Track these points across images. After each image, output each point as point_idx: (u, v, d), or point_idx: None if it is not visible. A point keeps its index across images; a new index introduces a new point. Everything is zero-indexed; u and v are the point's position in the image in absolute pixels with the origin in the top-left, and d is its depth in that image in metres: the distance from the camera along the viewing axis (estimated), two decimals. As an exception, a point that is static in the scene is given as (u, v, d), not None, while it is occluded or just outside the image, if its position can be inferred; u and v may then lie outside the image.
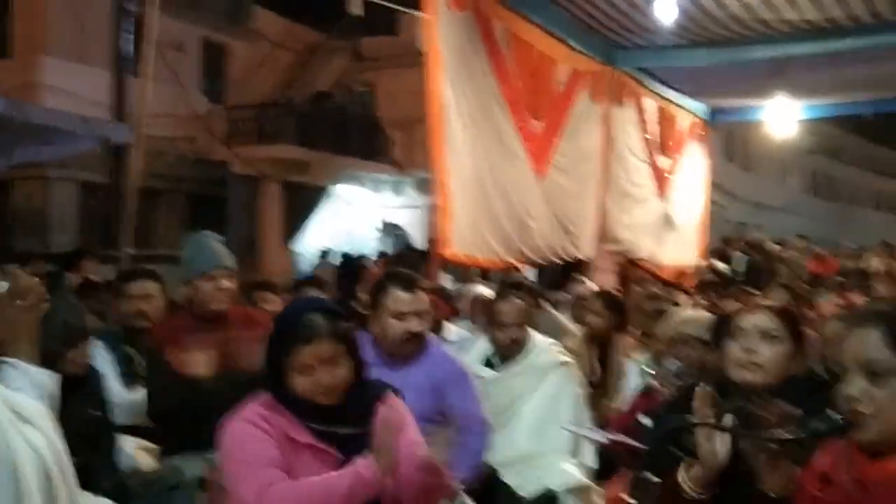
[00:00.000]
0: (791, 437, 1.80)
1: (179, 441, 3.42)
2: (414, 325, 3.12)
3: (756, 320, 2.27)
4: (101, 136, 9.09)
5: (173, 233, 16.85)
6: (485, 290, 6.36)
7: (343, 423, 2.19)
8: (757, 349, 2.22)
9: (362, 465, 2.06)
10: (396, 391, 2.35)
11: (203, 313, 3.47)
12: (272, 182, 17.32)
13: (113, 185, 12.34)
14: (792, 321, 2.30)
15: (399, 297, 3.14)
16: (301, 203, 17.99)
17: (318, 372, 2.15)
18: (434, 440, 2.16)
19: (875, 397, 1.62)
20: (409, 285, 3.20)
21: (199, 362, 3.29)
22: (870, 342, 1.66)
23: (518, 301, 3.92)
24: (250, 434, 2.13)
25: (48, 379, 2.19)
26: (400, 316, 3.12)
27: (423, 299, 3.21)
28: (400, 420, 2.17)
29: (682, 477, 2.04)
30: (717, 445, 1.99)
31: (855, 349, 1.68)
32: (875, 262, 13.22)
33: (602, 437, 3.28)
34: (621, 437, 3.32)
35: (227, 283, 3.47)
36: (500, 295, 4.15)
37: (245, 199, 17.19)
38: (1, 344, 2.11)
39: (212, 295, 3.44)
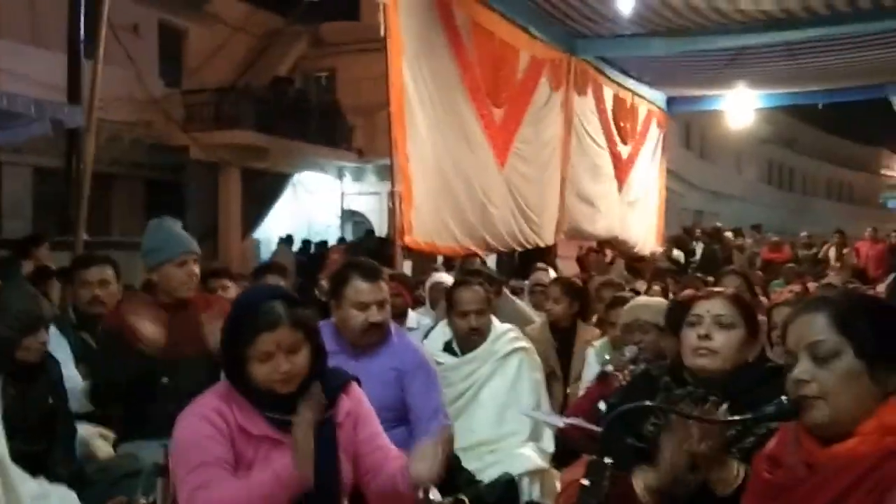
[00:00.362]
0: (742, 418, 1.84)
1: (135, 428, 3.40)
2: (374, 315, 3.12)
3: (710, 307, 2.30)
4: (55, 119, 8.89)
5: (130, 219, 16.61)
6: (445, 278, 6.36)
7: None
8: (712, 335, 2.25)
9: (280, 467, 2.05)
10: (356, 380, 2.34)
11: (168, 299, 3.43)
12: (231, 168, 17.14)
13: (67, 170, 12.12)
14: (746, 308, 2.34)
15: (360, 288, 3.13)
16: (261, 190, 17.84)
17: (277, 359, 2.12)
18: (425, 453, 2.14)
19: (821, 379, 1.66)
20: (371, 275, 3.19)
21: (149, 329, 3.23)
22: (815, 325, 1.70)
23: (478, 288, 3.92)
24: (199, 431, 2.11)
25: None
26: (361, 306, 3.11)
27: (383, 289, 3.20)
28: (314, 419, 2.14)
29: (638, 481, 2.08)
30: (673, 454, 2.03)
31: (801, 333, 1.72)
32: (831, 252, 13.52)
33: (559, 421, 3.32)
34: (578, 422, 3.36)
35: (195, 268, 3.45)
36: (460, 282, 4.16)
37: (204, 185, 16.99)
38: None
39: (182, 281, 3.40)
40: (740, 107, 12.95)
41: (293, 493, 2.03)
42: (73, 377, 3.55)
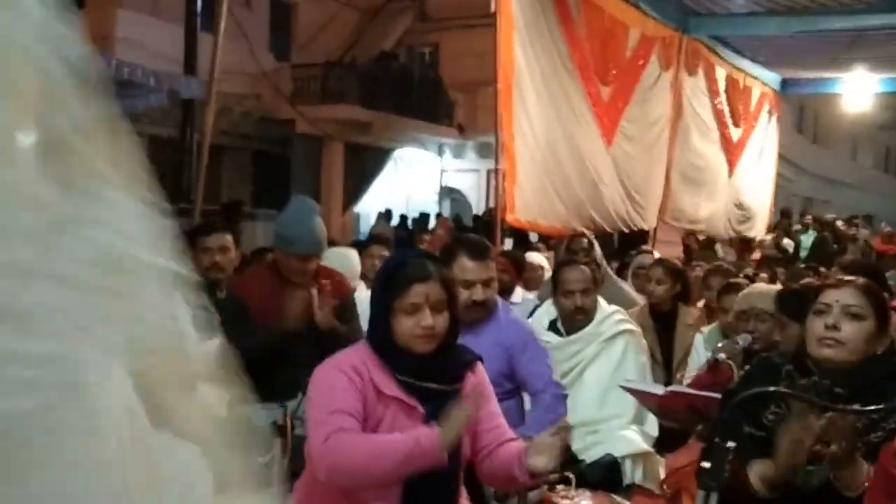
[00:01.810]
0: (872, 409, 1.79)
1: (252, 390, 3.54)
2: (479, 293, 3.15)
3: (840, 296, 2.23)
4: (172, 90, 9.24)
5: (238, 189, 17.13)
6: (536, 258, 6.37)
7: (432, 379, 2.23)
8: (840, 325, 2.19)
9: (424, 436, 2.07)
10: (481, 359, 2.38)
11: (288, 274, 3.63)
12: (335, 142, 17.43)
13: (181, 140, 12.57)
14: (877, 299, 2.25)
15: (466, 266, 3.16)
16: (362, 164, 18.09)
17: (423, 313, 2.19)
18: (545, 445, 2.15)
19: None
20: (478, 254, 3.21)
21: (293, 311, 3.41)
22: None
23: (584, 268, 3.91)
24: (336, 381, 2.18)
25: None
26: (466, 284, 3.14)
27: (490, 268, 3.23)
28: (479, 403, 2.20)
29: (753, 473, 2.05)
30: (797, 452, 1.99)
31: None
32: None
33: (660, 389, 3.28)
34: (682, 389, 3.32)
35: (311, 265, 3.61)
36: (566, 261, 4.15)
37: (308, 158, 17.33)
38: None
39: (299, 273, 3.59)
40: (859, 90, 12.39)
41: (427, 463, 2.06)
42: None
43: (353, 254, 5.02)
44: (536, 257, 6.52)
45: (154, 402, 1.74)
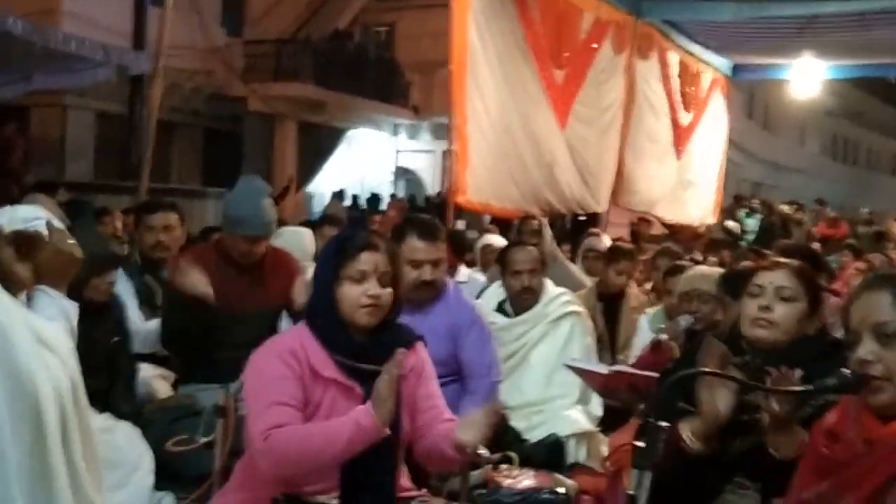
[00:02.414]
0: (801, 389, 1.83)
1: (195, 371, 3.52)
2: (427, 273, 3.15)
3: (773, 278, 2.27)
4: (120, 65, 9.05)
5: (188, 167, 16.88)
6: (495, 240, 6.38)
7: (370, 359, 2.21)
8: (772, 307, 2.23)
9: (362, 415, 2.07)
10: (422, 339, 2.38)
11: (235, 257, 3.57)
12: (288, 121, 17.24)
13: (129, 116, 12.34)
14: (809, 281, 2.30)
15: (416, 246, 3.16)
16: (316, 144, 17.93)
17: (370, 282, 2.19)
18: (473, 421, 2.17)
19: (888, 361, 1.64)
20: (428, 234, 3.21)
21: (240, 294, 3.36)
22: (880, 305, 1.67)
23: (532, 249, 3.95)
24: (272, 370, 2.16)
25: (73, 310, 2.24)
26: (415, 264, 3.14)
27: (440, 249, 3.23)
28: (404, 372, 2.20)
29: (684, 430, 2.09)
30: (718, 399, 2.03)
31: (865, 312, 1.70)
32: (894, 228, 13.15)
33: (604, 368, 3.33)
34: (624, 368, 3.37)
35: (262, 248, 3.55)
36: (515, 243, 4.17)
37: (260, 136, 17.13)
38: (41, 276, 2.16)
39: (245, 255, 3.53)
40: (807, 77, 12.58)
41: (371, 440, 2.07)
42: (135, 319, 3.67)
43: (307, 233, 4.99)
44: (493, 239, 6.56)
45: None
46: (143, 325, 3.70)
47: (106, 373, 3.11)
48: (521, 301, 3.88)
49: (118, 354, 3.20)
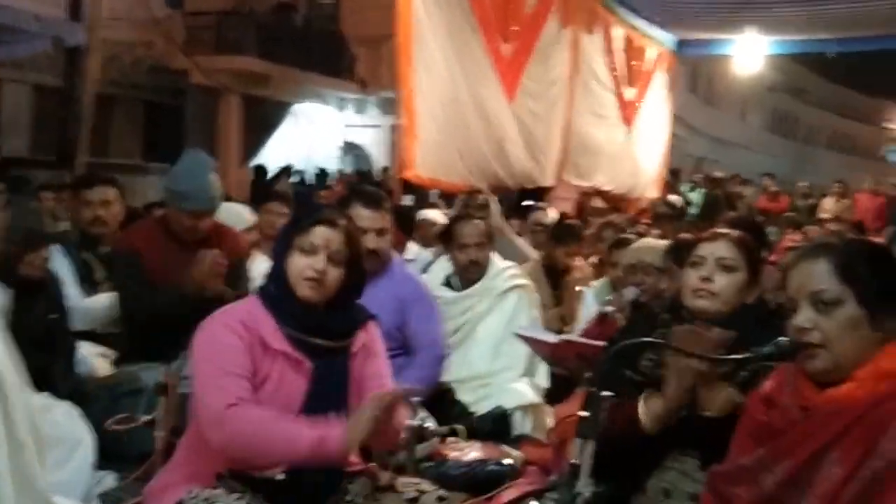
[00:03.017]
0: (741, 357, 1.87)
1: (137, 349, 3.46)
2: (371, 241, 3.14)
3: (714, 249, 2.30)
4: (56, 36, 8.79)
5: (128, 141, 16.49)
6: (433, 214, 6.41)
7: (320, 334, 2.20)
8: (713, 277, 2.26)
9: (332, 437, 2.02)
10: (375, 318, 2.37)
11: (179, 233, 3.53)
12: (232, 94, 16.94)
13: (67, 89, 11.98)
14: (750, 251, 2.34)
15: (360, 213, 3.17)
16: (261, 118, 17.67)
17: (319, 257, 2.17)
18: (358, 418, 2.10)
19: (824, 328, 1.68)
20: (372, 202, 3.25)
21: (185, 270, 3.32)
22: (817, 273, 1.70)
23: (479, 222, 3.95)
24: (223, 339, 2.13)
25: (1, 293, 2.17)
26: (359, 231, 3.13)
27: (384, 218, 3.24)
28: (355, 350, 2.23)
29: (642, 409, 2.12)
30: (678, 382, 2.07)
31: (803, 280, 1.73)
32: (828, 203, 13.48)
33: (553, 337, 3.36)
34: (572, 338, 3.40)
35: (207, 223, 3.52)
36: (462, 216, 4.17)
37: (203, 110, 16.81)
38: None
39: (189, 231, 3.51)
40: (750, 52, 12.77)
41: (327, 460, 2.05)
42: (74, 296, 3.59)
43: (246, 209, 4.91)
44: (434, 213, 6.55)
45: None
46: (81, 302, 3.62)
47: (44, 351, 3.04)
48: (467, 274, 3.88)
49: (56, 332, 3.13)
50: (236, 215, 4.52)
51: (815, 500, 1.60)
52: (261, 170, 15.59)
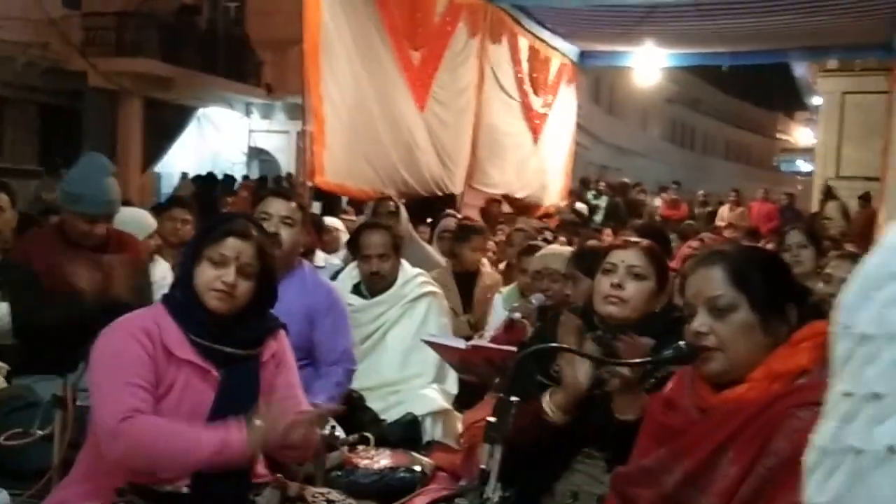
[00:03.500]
0: (641, 361, 1.93)
1: (30, 361, 3.32)
2: (273, 226, 3.10)
3: (625, 257, 2.37)
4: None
5: (22, 145, 15.83)
6: (335, 222, 6.40)
7: (228, 342, 2.16)
8: (624, 285, 2.33)
9: (235, 437, 2.00)
10: (285, 327, 2.34)
11: (76, 238, 3.41)
12: (133, 97, 16.46)
13: (-46, 90, 11.43)
14: (658, 260, 2.42)
15: (269, 201, 3.22)
16: (164, 122, 17.23)
17: (228, 269, 2.13)
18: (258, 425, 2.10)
19: (719, 332, 1.74)
20: (280, 193, 3.35)
21: (82, 277, 3.19)
22: (713, 280, 1.77)
23: (384, 232, 3.93)
24: (124, 348, 2.07)
25: None
26: (263, 216, 3.13)
27: (291, 209, 3.22)
28: (264, 360, 2.22)
29: (546, 401, 2.16)
30: (579, 372, 2.12)
31: (699, 286, 1.80)
32: (724, 211, 14.02)
33: (461, 343, 3.38)
34: (481, 342, 3.44)
35: (102, 228, 3.42)
36: (367, 225, 4.16)
37: (103, 113, 16.28)
38: None
39: (85, 236, 3.40)
40: (648, 64, 13.17)
41: (232, 462, 2.01)
42: (-35, 307, 3.42)
43: (147, 215, 4.78)
44: (332, 221, 6.54)
45: None
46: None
47: (-70, 366, 2.89)
48: (372, 284, 3.87)
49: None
50: (138, 221, 4.40)
51: (712, 499, 1.66)
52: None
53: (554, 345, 2.21)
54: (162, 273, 3.86)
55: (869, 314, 0.71)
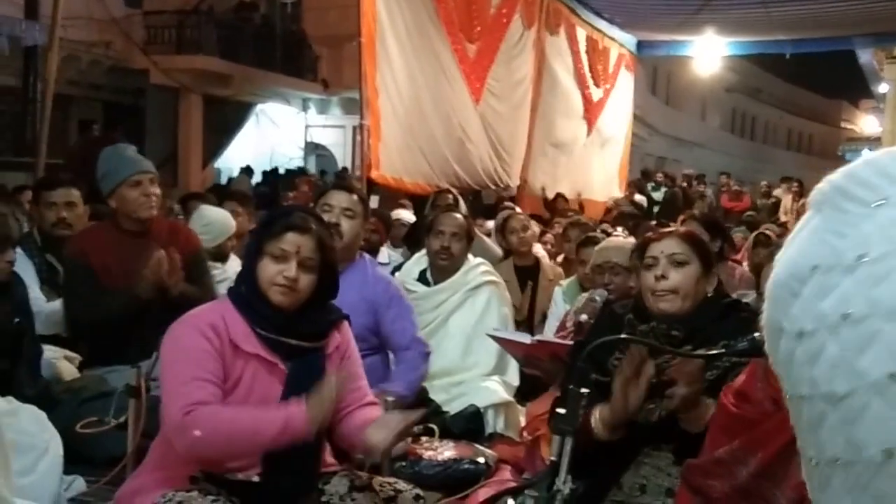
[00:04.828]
0: (716, 353, 1.89)
1: (103, 353, 3.40)
2: (333, 216, 3.15)
3: (664, 247, 2.33)
4: (13, 36, 8.63)
5: (88, 142, 16.23)
6: (404, 214, 6.40)
7: (294, 335, 2.18)
8: (668, 275, 2.29)
9: (295, 414, 2.02)
10: (348, 318, 2.36)
11: (130, 224, 3.43)
12: (193, 94, 16.74)
13: (23, 89, 11.77)
14: (698, 243, 2.38)
15: (329, 195, 3.30)
16: (223, 118, 17.49)
17: (290, 263, 2.15)
18: (386, 424, 2.16)
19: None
20: (342, 186, 3.46)
21: (137, 269, 3.25)
22: None
23: (458, 216, 4.00)
24: (192, 343, 2.10)
25: None
26: (325, 208, 3.20)
27: (352, 201, 3.28)
28: (329, 352, 2.24)
29: (595, 417, 2.13)
30: (631, 396, 2.08)
31: None
32: (788, 202, 13.71)
33: (527, 338, 3.37)
34: (547, 338, 3.41)
35: (152, 189, 3.43)
36: (444, 208, 4.22)
37: (164, 110, 16.60)
38: None
39: (139, 201, 3.40)
40: (708, 53, 12.97)
41: (296, 439, 2.03)
42: (38, 299, 3.52)
43: (229, 216, 4.84)
44: (404, 214, 6.55)
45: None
46: (45, 306, 3.55)
47: (7, 355, 2.98)
48: (439, 262, 3.87)
49: (20, 336, 3.06)
50: (221, 222, 4.48)
51: (788, 492, 1.63)
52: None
53: (616, 336, 2.17)
54: (235, 270, 3.92)
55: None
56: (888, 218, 0.65)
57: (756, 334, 1.77)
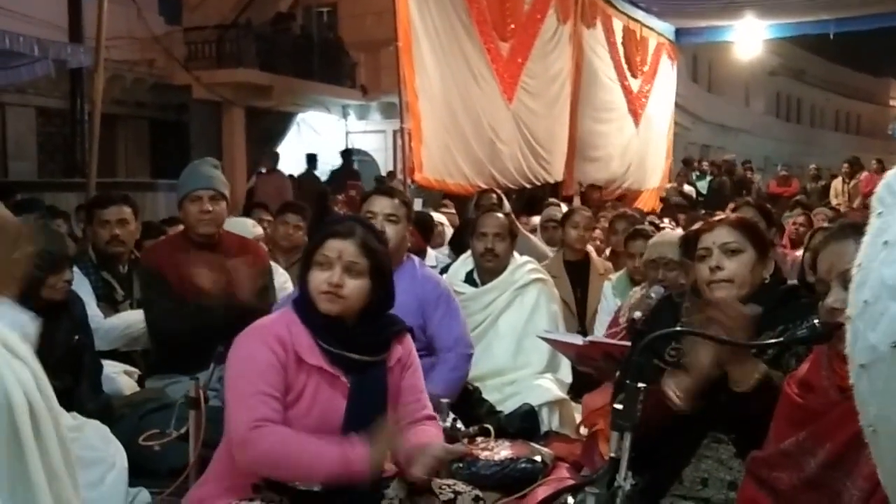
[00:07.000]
0: (775, 342, 1.86)
1: (161, 365, 3.46)
2: (378, 222, 3.14)
3: (716, 237, 2.30)
4: (58, 59, 8.83)
5: (135, 160, 16.55)
6: (439, 217, 6.43)
7: (356, 348, 2.18)
8: (722, 265, 2.26)
9: (356, 458, 2.03)
10: (411, 330, 2.36)
11: (197, 237, 3.51)
12: (235, 107, 16.96)
13: (71, 111, 12.04)
14: (751, 229, 2.34)
15: (373, 200, 3.33)
16: (265, 129, 17.69)
17: (334, 270, 2.15)
18: (430, 456, 2.14)
19: (856, 307, 1.67)
20: (384, 191, 3.49)
21: (204, 277, 3.32)
22: (846, 253, 1.70)
23: (500, 216, 4.00)
24: (257, 355, 2.12)
25: (28, 321, 2.15)
26: (369, 216, 3.20)
27: (394, 205, 3.30)
28: (391, 364, 2.25)
29: (671, 388, 2.09)
30: (702, 355, 2.05)
31: (833, 260, 1.73)
32: (838, 185, 13.40)
33: (579, 339, 3.35)
34: (600, 339, 3.39)
35: (210, 206, 3.48)
36: (485, 209, 4.22)
37: (208, 124, 16.84)
38: None
39: (196, 216, 3.47)
40: (749, 37, 12.76)
41: (352, 481, 2.04)
42: (95, 316, 3.59)
43: (251, 223, 4.91)
44: (436, 215, 6.58)
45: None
46: (103, 323, 3.62)
47: (68, 372, 3.05)
48: (485, 264, 3.87)
49: (80, 353, 3.13)
50: (242, 230, 4.54)
51: (860, 482, 1.59)
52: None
53: (675, 329, 2.15)
54: (282, 279, 3.96)
55: None
56: None
57: (816, 321, 1.73)
